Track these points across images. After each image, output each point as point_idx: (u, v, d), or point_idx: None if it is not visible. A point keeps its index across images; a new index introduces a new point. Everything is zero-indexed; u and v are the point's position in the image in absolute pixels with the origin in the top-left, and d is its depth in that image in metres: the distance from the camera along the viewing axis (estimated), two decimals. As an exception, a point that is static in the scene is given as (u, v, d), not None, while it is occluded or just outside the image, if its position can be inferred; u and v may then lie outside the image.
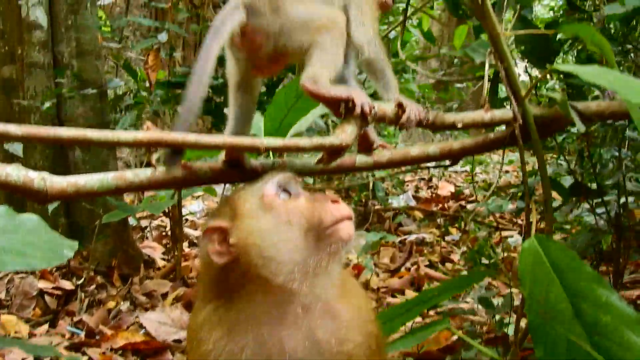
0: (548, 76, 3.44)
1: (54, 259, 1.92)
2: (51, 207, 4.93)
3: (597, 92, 4.22)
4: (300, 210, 1.92)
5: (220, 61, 5.33)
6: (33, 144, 5.36)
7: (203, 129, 8.72)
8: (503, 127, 2.43)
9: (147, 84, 5.07)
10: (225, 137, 1.84)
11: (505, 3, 2.89)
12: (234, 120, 2.25)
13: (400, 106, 2.14)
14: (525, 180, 2.31)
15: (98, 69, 5.70)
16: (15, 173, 1.75)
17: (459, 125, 2.25)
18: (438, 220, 7.19)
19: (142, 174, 1.92)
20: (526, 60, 2.91)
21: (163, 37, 4.71)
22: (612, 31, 3.36)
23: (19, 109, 5.48)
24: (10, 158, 5.18)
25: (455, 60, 9.69)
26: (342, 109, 2.04)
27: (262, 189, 1.94)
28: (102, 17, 6.38)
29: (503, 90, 2.54)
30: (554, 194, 4.13)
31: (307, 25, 2.06)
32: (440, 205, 7.80)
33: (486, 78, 2.35)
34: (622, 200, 3.94)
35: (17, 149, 5.11)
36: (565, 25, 2.43)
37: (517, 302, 3.26)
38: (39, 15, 5.42)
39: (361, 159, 2.23)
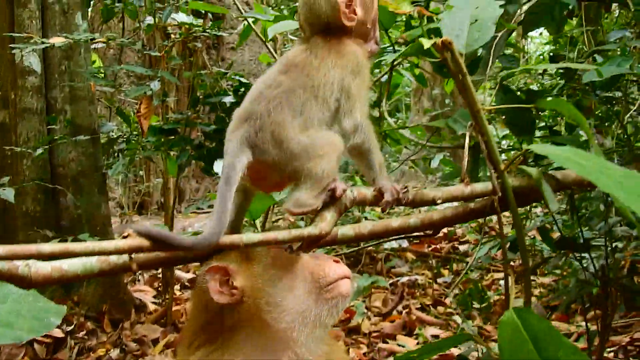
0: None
1: (40, 328, 1.93)
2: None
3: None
4: (306, 265, 2.07)
5: (213, 107, 5.36)
6: (25, 190, 5.39)
7: (196, 174, 8.82)
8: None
9: (140, 131, 5.11)
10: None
11: (489, 64, 2.94)
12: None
13: (379, 189, 2.18)
14: (505, 251, 2.34)
15: (91, 114, 5.75)
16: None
17: (439, 202, 2.28)
18: (430, 261, 7.20)
19: (126, 257, 1.94)
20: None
21: (155, 85, 4.76)
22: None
23: (11, 154, 5.50)
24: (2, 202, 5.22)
25: (447, 101, 9.81)
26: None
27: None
28: (96, 61, 6.41)
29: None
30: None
31: (308, 153, 2.10)
32: (433, 247, 7.81)
33: (466, 151, 2.38)
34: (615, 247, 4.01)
35: (8, 195, 5.13)
36: (544, 100, 2.47)
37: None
38: (33, 60, 5.48)
39: (343, 231, 2.25)
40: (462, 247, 7.76)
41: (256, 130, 2.10)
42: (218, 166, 3.07)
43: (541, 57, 8.75)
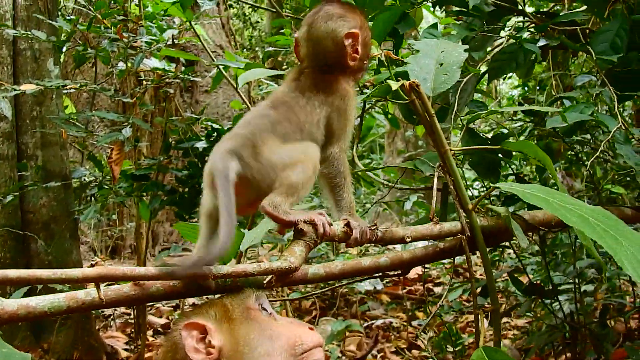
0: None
1: (4, 379, 1.91)
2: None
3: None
4: (281, 330, 2.04)
5: (186, 153, 5.36)
6: (-5, 236, 5.33)
7: (170, 217, 8.77)
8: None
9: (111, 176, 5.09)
10: (174, 269, 1.85)
11: (455, 108, 3.00)
12: (202, 242, 2.28)
13: (348, 225, 2.20)
14: (474, 292, 2.36)
15: (63, 160, 5.73)
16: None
17: (408, 240, 2.30)
18: (405, 304, 7.18)
19: (94, 293, 1.93)
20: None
21: (127, 132, 4.76)
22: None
23: (-19, 200, 5.45)
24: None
25: (420, 142, 9.91)
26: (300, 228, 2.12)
27: (247, 302, 2.03)
28: (69, 105, 6.40)
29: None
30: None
31: (284, 162, 2.14)
32: (407, 289, 7.81)
33: (434, 191, 2.41)
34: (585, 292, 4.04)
35: (-22, 241, 5.09)
36: (509, 142, 2.52)
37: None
38: (4, 106, 5.46)
39: (313, 271, 2.25)
40: (436, 289, 7.76)
41: (240, 144, 2.15)
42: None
43: (512, 100, 8.88)
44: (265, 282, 2.01)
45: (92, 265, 1.79)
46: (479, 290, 4.32)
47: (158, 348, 5.94)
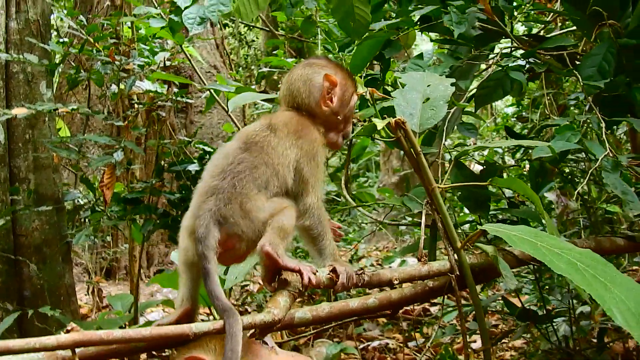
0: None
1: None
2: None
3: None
4: None
5: (178, 175, 5.33)
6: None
7: (165, 239, 8.73)
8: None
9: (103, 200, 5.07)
10: (153, 329, 1.80)
11: (443, 140, 2.97)
12: (184, 292, 2.26)
13: (334, 272, 2.17)
14: (464, 330, 2.32)
15: (55, 183, 5.69)
16: None
17: (395, 283, 2.28)
18: (401, 324, 7.14)
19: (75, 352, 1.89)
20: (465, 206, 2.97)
21: (118, 155, 4.73)
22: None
23: (-27, 224, 5.41)
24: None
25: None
26: (277, 281, 2.10)
27: (247, 335, 2.00)
28: (62, 128, 6.38)
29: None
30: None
31: (271, 215, 2.16)
32: (404, 309, 7.74)
33: (422, 230, 2.39)
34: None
35: (-31, 266, 5.04)
36: (497, 179, 2.49)
37: None
38: (-4, 130, 5.43)
39: (300, 315, 2.22)
40: (433, 309, 7.71)
41: (225, 202, 2.14)
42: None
43: (507, 119, 8.88)
44: (249, 334, 1.97)
45: (68, 331, 1.75)
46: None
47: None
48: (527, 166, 4.68)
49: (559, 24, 5.14)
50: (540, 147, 2.69)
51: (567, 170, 4.34)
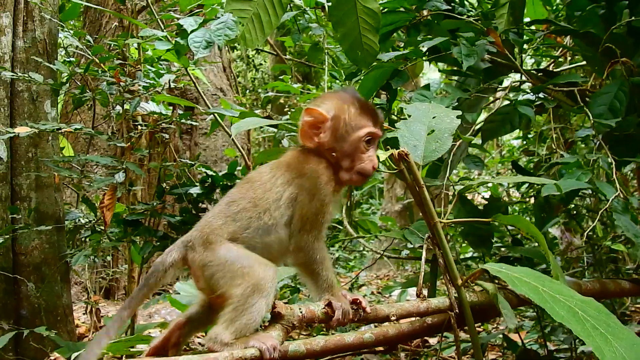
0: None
1: None
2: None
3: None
4: None
5: (180, 198, 5.30)
6: (-15, 279, 5.26)
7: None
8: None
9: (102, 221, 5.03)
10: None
11: (448, 173, 2.93)
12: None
13: (329, 306, 2.12)
14: (462, 371, 2.26)
15: (57, 202, 5.66)
16: None
17: (393, 318, 2.23)
18: (399, 355, 7.04)
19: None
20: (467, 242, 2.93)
21: (120, 177, 4.71)
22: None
23: (-28, 242, 5.37)
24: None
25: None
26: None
27: None
28: (65, 147, 6.36)
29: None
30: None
31: (231, 270, 2.15)
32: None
33: (423, 265, 2.34)
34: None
35: (-34, 283, 5.00)
36: (501, 216, 2.45)
37: None
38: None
39: (294, 348, 2.17)
40: (432, 341, 7.62)
41: (194, 230, 2.31)
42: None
43: (512, 151, 8.83)
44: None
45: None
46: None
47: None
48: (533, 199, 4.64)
49: (568, 59, 5.12)
50: (548, 185, 2.65)
51: (572, 206, 4.29)
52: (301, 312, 2.10)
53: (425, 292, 2.31)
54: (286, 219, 2.24)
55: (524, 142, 6.81)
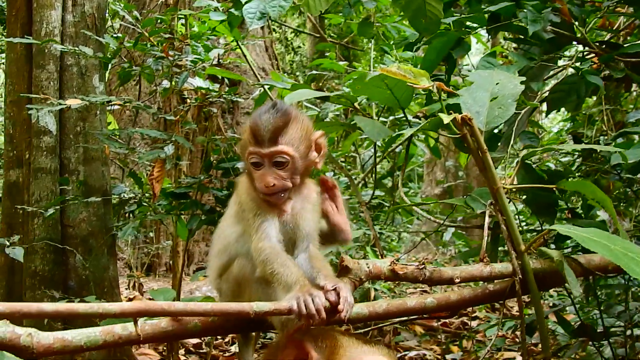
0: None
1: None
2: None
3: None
4: None
5: (226, 173, 5.33)
6: (35, 249, 5.34)
7: (206, 237, 8.75)
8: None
9: (152, 194, 5.07)
10: (214, 304, 1.79)
11: (511, 142, 2.90)
12: None
13: (396, 264, 2.13)
14: (523, 336, 2.26)
15: (104, 175, 5.73)
16: (1, 330, 1.71)
17: (457, 280, 2.22)
18: (439, 336, 7.03)
19: (131, 328, 1.87)
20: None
21: (169, 149, 4.74)
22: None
23: (22, 213, 5.46)
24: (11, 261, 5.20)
25: (461, 173, 9.75)
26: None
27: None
28: (112, 122, 6.43)
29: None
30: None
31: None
32: (442, 321, 7.64)
33: (486, 231, 2.32)
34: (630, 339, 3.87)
35: (17, 254, 5.07)
36: (566, 181, 2.42)
37: None
38: (49, 120, 5.47)
39: (357, 310, 2.18)
40: (472, 323, 7.59)
41: None
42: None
43: (558, 135, 8.70)
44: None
45: (130, 299, 1.74)
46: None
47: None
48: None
49: (621, 38, 5.00)
50: (616, 154, 2.60)
51: (622, 189, 4.22)
52: (368, 268, 2.11)
53: (488, 259, 2.29)
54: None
55: (573, 124, 6.71)
